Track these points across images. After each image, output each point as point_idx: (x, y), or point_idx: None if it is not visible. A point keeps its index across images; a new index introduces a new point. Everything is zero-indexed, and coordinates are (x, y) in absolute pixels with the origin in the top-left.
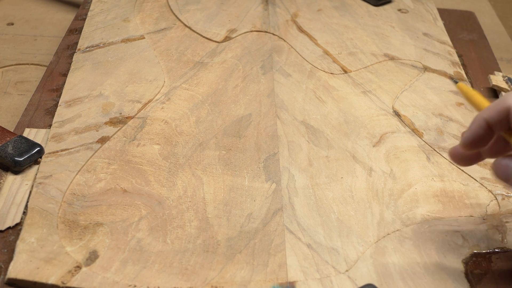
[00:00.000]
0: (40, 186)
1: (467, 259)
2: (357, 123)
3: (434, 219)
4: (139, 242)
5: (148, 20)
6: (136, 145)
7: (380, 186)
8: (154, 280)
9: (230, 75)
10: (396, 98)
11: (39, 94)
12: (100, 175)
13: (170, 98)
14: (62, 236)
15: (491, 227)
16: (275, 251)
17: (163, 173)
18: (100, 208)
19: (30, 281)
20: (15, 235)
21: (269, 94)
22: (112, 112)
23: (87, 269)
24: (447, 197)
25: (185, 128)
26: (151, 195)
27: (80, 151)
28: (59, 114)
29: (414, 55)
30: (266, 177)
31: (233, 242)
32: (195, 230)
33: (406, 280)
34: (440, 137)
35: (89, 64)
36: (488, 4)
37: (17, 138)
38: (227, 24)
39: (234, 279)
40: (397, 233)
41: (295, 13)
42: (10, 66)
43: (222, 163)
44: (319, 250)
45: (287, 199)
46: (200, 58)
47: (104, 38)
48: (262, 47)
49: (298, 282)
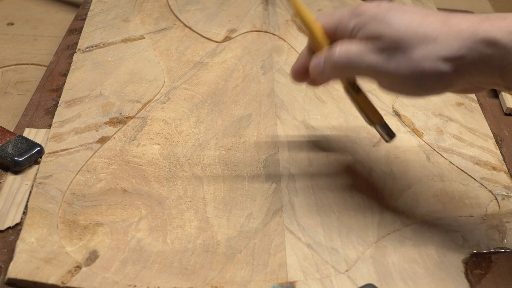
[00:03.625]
0: (40, 186)
1: (467, 259)
2: (357, 123)
3: (434, 219)
4: (139, 242)
5: (148, 20)
6: (136, 145)
7: (380, 186)
8: (154, 280)
9: (230, 75)
10: (396, 98)
11: (39, 94)
12: (100, 175)
13: (170, 98)
14: (62, 236)
15: (491, 227)
16: (275, 251)
17: (163, 173)
18: (100, 208)
19: (30, 281)
20: (15, 235)
21: (269, 94)
22: (112, 112)
23: (87, 269)
24: (447, 197)
25: (185, 128)
26: (151, 195)
27: (80, 151)
28: (59, 114)
29: None
30: (266, 177)
31: (233, 242)
32: (195, 230)
33: (406, 280)
34: (440, 137)
35: (89, 64)
36: (488, 4)
37: (17, 138)
38: (227, 24)
39: (234, 279)
40: (397, 233)
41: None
42: (10, 66)
43: (222, 163)
44: (319, 250)
45: (287, 199)
46: (200, 58)
47: (104, 38)
48: (262, 47)
49: (298, 282)
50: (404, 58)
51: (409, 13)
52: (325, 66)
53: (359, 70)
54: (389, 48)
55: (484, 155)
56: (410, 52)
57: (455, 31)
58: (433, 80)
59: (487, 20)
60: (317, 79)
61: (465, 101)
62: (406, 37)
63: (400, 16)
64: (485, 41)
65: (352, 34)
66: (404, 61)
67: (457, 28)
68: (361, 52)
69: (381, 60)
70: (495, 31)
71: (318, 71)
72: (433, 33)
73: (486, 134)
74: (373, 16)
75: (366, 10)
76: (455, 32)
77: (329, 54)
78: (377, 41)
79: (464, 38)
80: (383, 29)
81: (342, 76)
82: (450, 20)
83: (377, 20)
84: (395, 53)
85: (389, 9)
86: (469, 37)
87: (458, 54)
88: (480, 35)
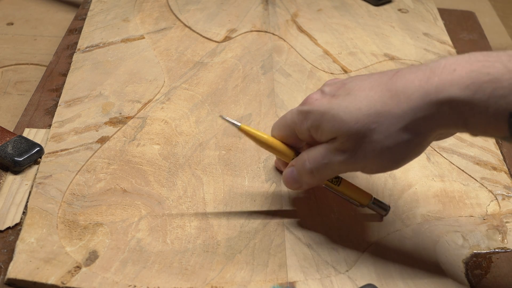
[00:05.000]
0: (40, 186)
1: (467, 259)
2: None
3: (434, 219)
4: (139, 242)
5: (148, 20)
6: (136, 145)
7: (380, 186)
8: (154, 280)
9: (230, 75)
10: None
11: (38, 94)
12: (100, 175)
13: (170, 98)
14: (62, 236)
15: (491, 227)
16: (275, 251)
17: (163, 173)
18: (100, 208)
19: (30, 281)
20: (15, 235)
21: (269, 94)
22: (112, 112)
23: (87, 269)
24: (447, 197)
25: (185, 128)
26: (151, 195)
27: (80, 151)
28: (59, 114)
29: (414, 55)
30: (266, 177)
31: (233, 242)
32: (195, 230)
33: (406, 280)
34: None
35: (89, 64)
36: (488, 4)
37: (16, 138)
38: (227, 24)
39: (234, 279)
40: (397, 233)
41: (295, 13)
42: (10, 66)
43: (222, 163)
44: (319, 250)
45: (287, 199)
46: (200, 58)
47: (104, 38)
48: (262, 47)
49: (298, 282)
50: (367, 145)
51: (353, 95)
52: (300, 176)
53: (333, 171)
54: (349, 145)
55: (485, 155)
56: (370, 137)
57: (404, 98)
58: (402, 151)
59: (434, 76)
60: (295, 188)
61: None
62: (361, 128)
63: (347, 106)
64: (439, 102)
65: (311, 133)
66: (370, 148)
67: (406, 94)
68: (327, 155)
69: (348, 157)
70: (448, 89)
71: (294, 181)
72: (384, 109)
73: None
74: (321, 115)
75: (312, 109)
76: (405, 99)
77: (300, 164)
78: (336, 142)
79: (416, 104)
80: (336, 128)
81: (323, 180)
82: (396, 86)
83: (326, 118)
84: (357, 146)
85: (332, 102)
86: (420, 100)
87: (414, 120)
88: (431, 95)
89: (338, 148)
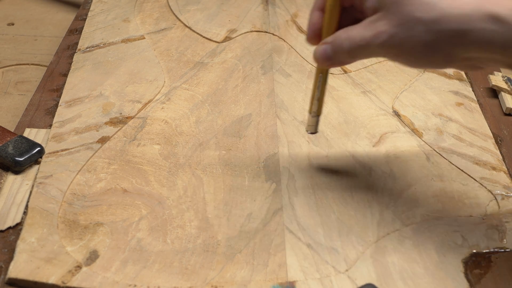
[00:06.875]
0: (41, 186)
1: (467, 259)
2: (357, 123)
3: (433, 219)
4: (139, 242)
5: (148, 20)
6: (136, 145)
7: (380, 186)
8: (154, 280)
9: (230, 75)
10: (396, 98)
11: (39, 94)
12: (100, 175)
13: (170, 98)
14: (63, 236)
15: (491, 227)
16: (275, 251)
17: (163, 173)
18: (100, 208)
19: (31, 280)
20: (16, 235)
21: (269, 94)
22: (112, 112)
23: (87, 268)
24: (447, 197)
25: (185, 128)
26: (151, 195)
27: (80, 151)
28: (59, 114)
29: None
30: (266, 177)
31: (233, 242)
32: (195, 230)
33: (406, 280)
34: (440, 137)
35: (89, 64)
36: None
37: (17, 138)
38: (227, 24)
39: (234, 279)
40: (397, 233)
41: (295, 13)
42: (11, 66)
43: (222, 163)
44: (319, 250)
45: (287, 199)
46: (200, 58)
47: (104, 38)
48: (262, 47)
49: (298, 282)
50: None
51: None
52: (335, 54)
53: (370, 53)
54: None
55: (484, 155)
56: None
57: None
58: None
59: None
60: (325, 65)
61: (465, 101)
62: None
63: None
64: (488, 16)
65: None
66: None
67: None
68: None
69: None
70: (499, 8)
71: (327, 59)
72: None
73: (485, 134)
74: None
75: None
76: (460, 4)
77: (338, 43)
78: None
79: (466, 12)
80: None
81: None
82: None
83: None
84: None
85: None
86: (471, 11)
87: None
88: (482, 10)
89: (379, 29)
